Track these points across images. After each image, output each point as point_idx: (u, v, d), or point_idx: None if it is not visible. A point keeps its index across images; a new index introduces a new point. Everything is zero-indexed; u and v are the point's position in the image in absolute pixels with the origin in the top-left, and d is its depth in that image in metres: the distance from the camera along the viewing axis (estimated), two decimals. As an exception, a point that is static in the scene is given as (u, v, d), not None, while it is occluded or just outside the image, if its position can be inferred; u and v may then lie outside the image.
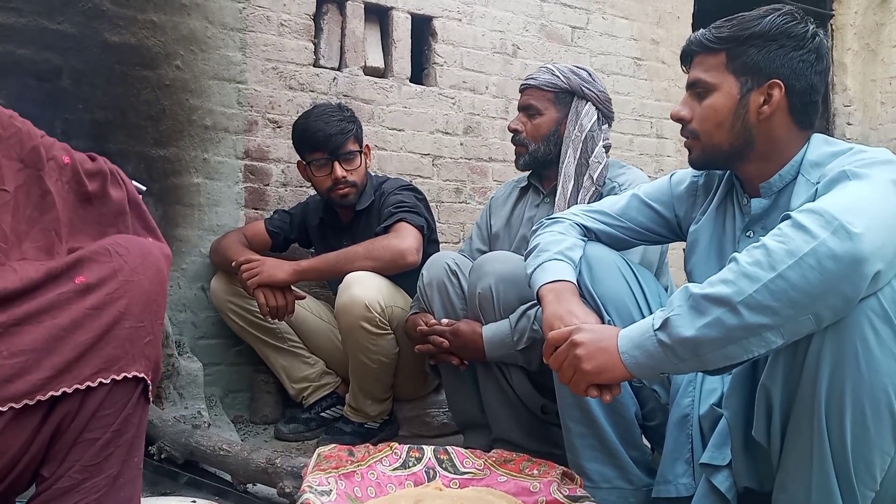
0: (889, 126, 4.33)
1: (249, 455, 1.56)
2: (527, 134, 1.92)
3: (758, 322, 0.94)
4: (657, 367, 1.04)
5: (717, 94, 1.24)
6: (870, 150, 1.13)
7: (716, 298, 0.96)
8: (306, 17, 2.57)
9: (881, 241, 0.92)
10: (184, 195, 2.34)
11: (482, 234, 2.12)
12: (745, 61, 1.22)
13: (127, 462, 1.14)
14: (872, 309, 0.95)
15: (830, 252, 0.91)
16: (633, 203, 1.49)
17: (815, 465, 1.00)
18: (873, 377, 0.95)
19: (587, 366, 1.08)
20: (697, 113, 1.27)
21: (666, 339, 1.00)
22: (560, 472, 1.24)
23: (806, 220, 0.94)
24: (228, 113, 2.42)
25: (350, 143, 2.15)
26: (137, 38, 2.27)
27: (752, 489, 1.17)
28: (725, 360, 0.98)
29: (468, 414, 1.92)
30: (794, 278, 0.92)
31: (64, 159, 1.15)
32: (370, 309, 1.90)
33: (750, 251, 0.97)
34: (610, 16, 3.29)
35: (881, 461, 0.99)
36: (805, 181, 1.19)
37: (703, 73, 1.26)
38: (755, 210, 1.26)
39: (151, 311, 1.17)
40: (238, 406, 2.41)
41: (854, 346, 0.95)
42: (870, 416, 0.96)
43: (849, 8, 4.24)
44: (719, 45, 1.24)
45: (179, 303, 2.33)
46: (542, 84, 1.91)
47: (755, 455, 1.14)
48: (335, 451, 1.21)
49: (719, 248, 1.31)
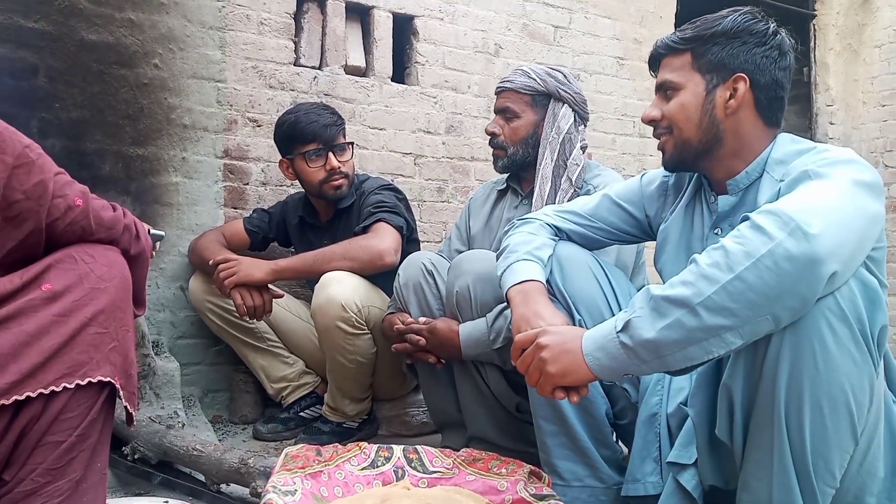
0: (871, 125, 4.35)
1: (222, 455, 1.56)
2: (505, 137, 1.92)
3: (717, 323, 0.95)
4: (620, 368, 1.04)
5: (684, 91, 1.27)
6: (833, 149, 1.14)
7: (675, 300, 0.97)
8: (286, 16, 2.56)
9: (838, 242, 0.93)
10: (162, 194, 2.33)
11: (461, 234, 2.13)
12: (710, 59, 1.24)
13: (91, 467, 1.14)
14: (830, 308, 0.95)
15: (787, 253, 0.91)
16: (604, 203, 1.50)
17: (776, 463, 1.01)
18: (831, 376, 0.96)
19: (552, 368, 1.09)
20: (666, 111, 1.29)
21: (628, 342, 1.01)
22: (527, 471, 1.25)
23: (764, 221, 0.95)
24: (207, 112, 2.41)
25: (341, 135, 2.17)
26: (115, 37, 2.26)
27: (717, 487, 1.18)
28: (687, 360, 0.99)
29: (445, 413, 1.93)
30: (751, 279, 0.93)
31: (76, 201, 1.15)
32: (346, 309, 1.90)
33: (709, 252, 0.98)
34: (593, 15, 3.29)
35: (840, 459, 1.01)
36: (770, 178, 1.20)
37: (671, 74, 1.28)
38: (722, 207, 1.27)
39: (117, 317, 1.17)
40: (217, 406, 2.40)
41: (812, 345, 0.96)
42: (828, 414, 0.97)
43: (831, 8, 4.26)
44: (684, 45, 1.27)
45: (158, 302, 2.32)
46: (518, 87, 1.91)
47: (720, 453, 1.15)
48: (302, 451, 1.21)
49: (688, 247, 1.32)
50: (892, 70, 4.25)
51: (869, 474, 1.07)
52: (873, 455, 1.06)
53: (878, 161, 4.32)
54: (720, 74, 1.24)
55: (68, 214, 1.16)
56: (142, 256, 1.29)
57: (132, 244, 1.26)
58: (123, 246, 1.25)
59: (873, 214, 1.01)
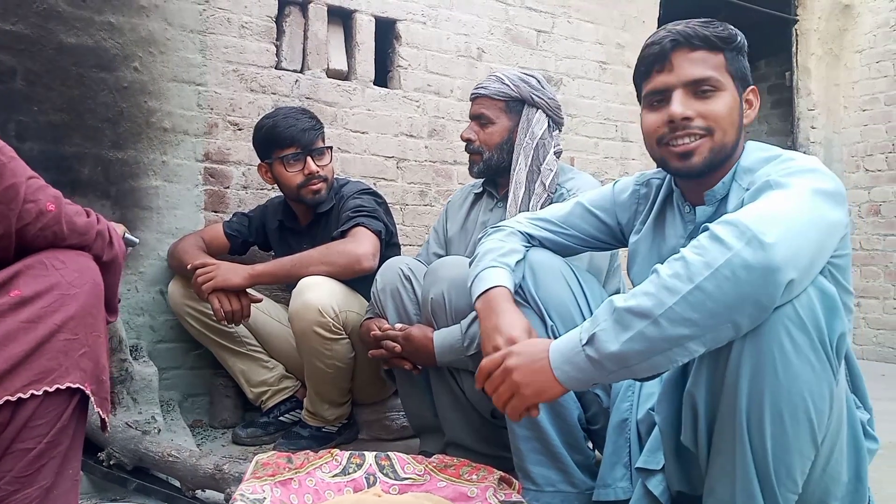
0: (852, 130, 4.40)
1: (197, 461, 1.56)
2: (480, 142, 1.93)
3: (679, 333, 0.96)
4: (588, 379, 1.05)
5: (726, 93, 1.21)
6: (798, 157, 1.16)
7: (638, 312, 0.98)
8: (268, 20, 2.56)
9: (794, 250, 0.94)
10: (142, 198, 2.33)
11: (439, 237, 2.14)
12: (739, 67, 1.24)
13: (61, 474, 1.14)
14: (788, 317, 0.97)
15: (744, 262, 0.93)
16: (576, 210, 1.50)
17: (739, 469, 1.02)
18: (791, 384, 0.98)
19: (527, 391, 1.08)
20: (708, 111, 1.20)
21: (594, 354, 1.02)
22: (497, 478, 1.26)
23: (722, 231, 0.96)
24: (188, 115, 2.41)
25: (320, 139, 2.17)
26: (94, 40, 2.25)
27: (685, 493, 1.19)
28: (652, 369, 1.01)
29: (422, 418, 1.93)
30: (710, 289, 0.94)
31: (48, 207, 1.14)
32: (323, 314, 1.90)
33: (670, 263, 0.99)
34: (575, 20, 3.31)
35: (801, 465, 1.02)
36: (738, 186, 1.21)
37: (711, 71, 1.20)
38: (700, 218, 1.26)
39: (87, 323, 1.17)
40: (197, 410, 2.40)
41: (772, 354, 0.97)
42: (788, 421, 0.99)
43: (812, 13, 4.30)
44: (721, 44, 1.22)
45: (137, 306, 2.31)
46: (492, 93, 1.92)
47: (686, 460, 1.16)
48: (273, 459, 1.21)
49: (660, 256, 1.33)
50: (872, 75, 4.29)
51: (832, 479, 1.09)
52: (836, 460, 1.07)
53: (858, 165, 4.36)
54: (742, 84, 1.24)
55: (40, 219, 1.15)
56: (115, 263, 1.29)
57: (105, 250, 1.26)
58: (96, 252, 1.24)
59: (832, 223, 1.03)
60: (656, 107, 1.25)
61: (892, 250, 4.19)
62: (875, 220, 4.28)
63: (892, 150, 4.20)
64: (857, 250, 4.35)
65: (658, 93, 1.24)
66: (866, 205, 4.33)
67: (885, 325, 4.21)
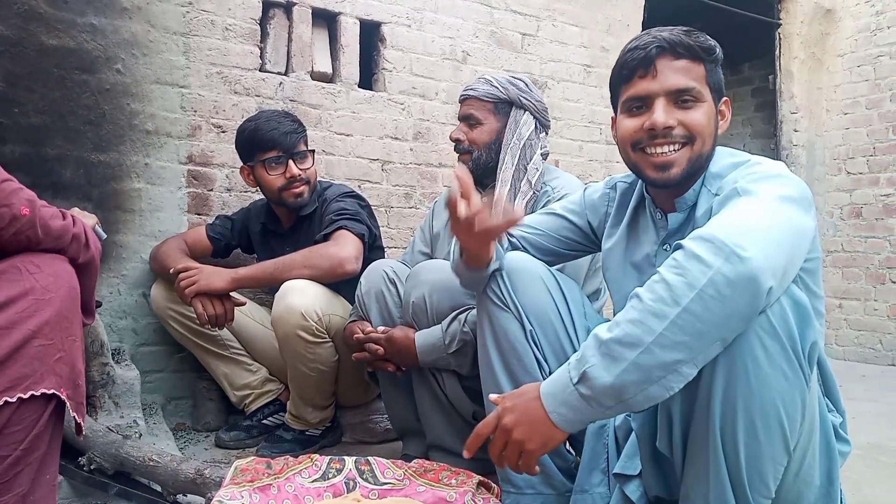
0: (834, 133, 4.44)
1: (178, 466, 1.56)
2: (469, 142, 1.96)
3: (672, 358, 0.95)
4: (585, 419, 1.03)
5: (705, 105, 1.22)
6: (765, 162, 1.17)
7: (628, 342, 0.96)
8: (252, 22, 2.55)
9: (771, 259, 0.95)
10: (125, 200, 2.32)
11: (425, 236, 2.15)
12: (716, 79, 1.24)
13: (38, 480, 1.14)
14: (761, 326, 0.98)
15: (726, 279, 0.93)
16: (550, 216, 1.54)
17: (712, 476, 1.03)
18: (763, 392, 0.99)
19: (532, 446, 1.04)
20: (690, 120, 1.20)
21: (587, 392, 0.99)
22: (476, 482, 1.27)
23: (699, 249, 0.96)
24: (171, 117, 2.40)
25: (302, 142, 2.17)
26: (77, 42, 2.24)
27: (662, 498, 1.20)
28: (649, 401, 0.98)
29: (405, 420, 1.94)
30: (698, 310, 0.93)
31: (23, 211, 1.14)
32: (306, 318, 1.90)
33: (651, 286, 0.98)
34: (560, 23, 3.33)
35: (774, 471, 1.03)
36: (707, 192, 1.22)
37: (693, 82, 1.21)
38: (672, 225, 1.27)
39: (63, 328, 1.17)
40: (181, 413, 2.39)
41: (745, 363, 0.98)
42: (761, 429, 1.00)
43: (795, 17, 4.34)
44: (703, 56, 1.22)
45: (120, 310, 2.30)
46: (481, 95, 1.94)
47: (663, 465, 1.17)
48: (252, 465, 1.22)
49: (635, 263, 1.34)
50: (854, 79, 4.34)
51: (805, 483, 1.10)
52: (808, 465, 1.09)
53: (840, 168, 4.41)
54: (718, 96, 1.25)
55: (14, 224, 1.15)
56: (91, 265, 1.29)
57: (81, 253, 1.26)
58: (72, 254, 1.24)
59: (801, 228, 1.04)
60: (635, 113, 1.24)
61: (874, 252, 4.24)
62: (856, 222, 4.33)
63: (874, 153, 4.25)
64: (839, 252, 4.40)
65: (639, 99, 1.23)
66: (848, 207, 4.37)
67: (866, 327, 4.26)
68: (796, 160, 4.35)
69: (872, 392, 3.31)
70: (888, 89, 4.18)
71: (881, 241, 4.21)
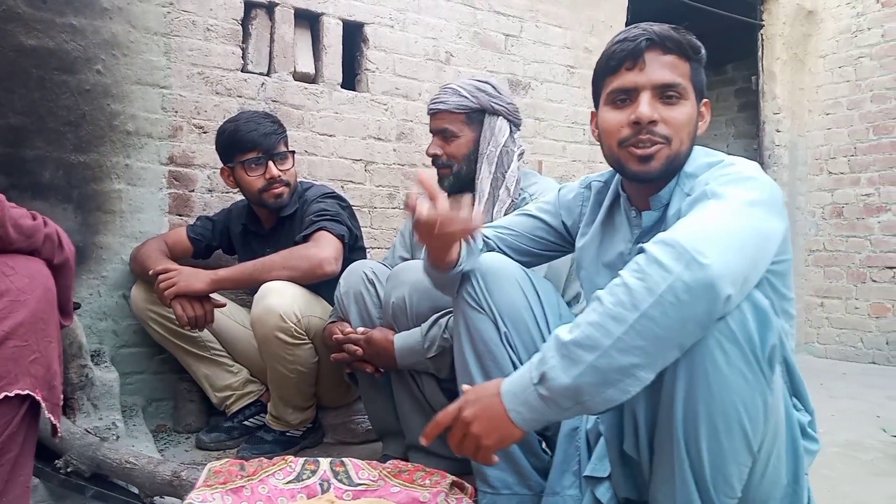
0: (816, 133, 4.48)
1: (155, 468, 1.56)
2: (447, 156, 1.93)
3: (630, 362, 0.96)
4: (543, 418, 1.04)
5: (688, 102, 1.21)
6: (738, 163, 1.17)
7: (586, 345, 0.97)
8: (234, 22, 2.55)
9: (731, 267, 0.95)
10: (105, 202, 2.31)
11: (405, 241, 2.15)
12: (699, 79, 1.24)
13: (12, 481, 1.14)
14: (721, 331, 0.99)
15: (685, 286, 0.93)
16: (524, 217, 1.54)
17: (678, 479, 1.04)
18: (724, 396, 1.00)
19: (488, 441, 1.06)
20: (671, 117, 1.20)
21: (546, 393, 1.00)
22: (450, 483, 1.27)
23: (660, 253, 0.96)
24: (152, 118, 2.39)
25: (282, 144, 2.17)
26: (56, 42, 2.23)
27: (632, 499, 1.21)
28: (606, 403, 0.99)
29: (385, 421, 1.95)
30: (656, 316, 0.94)
31: None
32: (285, 319, 1.90)
33: (612, 289, 0.98)
34: (543, 24, 3.34)
35: (738, 472, 1.05)
36: (680, 191, 1.22)
37: (680, 78, 1.20)
38: (647, 223, 1.27)
39: (38, 329, 1.17)
40: (161, 415, 2.39)
41: (704, 368, 0.99)
42: (723, 432, 1.01)
43: (777, 19, 4.37)
44: (690, 54, 1.22)
45: (100, 311, 2.30)
46: (452, 108, 1.91)
47: (631, 466, 1.18)
48: (226, 466, 1.22)
49: (608, 261, 1.34)
50: (835, 80, 4.38)
51: (772, 482, 1.11)
52: (774, 465, 1.10)
53: (822, 168, 4.45)
54: (699, 96, 1.24)
55: None
56: (66, 265, 1.29)
57: (55, 253, 1.25)
58: (46, 255, 1.24)
59: (767, 233, 1.04)
60: (620, 105, 1.22)
61: (855, 251, 4.28)
62: (838, 221, 4.37)
63: (854, 153, 4.29)
64: (821, 251, 4.44)
65: (624, 91, 1.21)
66: (829, 207, 4.41)
67: (847, 325, 4.30)
68: (779, 160, 4.39)
69: (852, 389, 3.35)
70: (868, 90, 4.22)
71: (862, 241, 4.25)
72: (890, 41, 4.13)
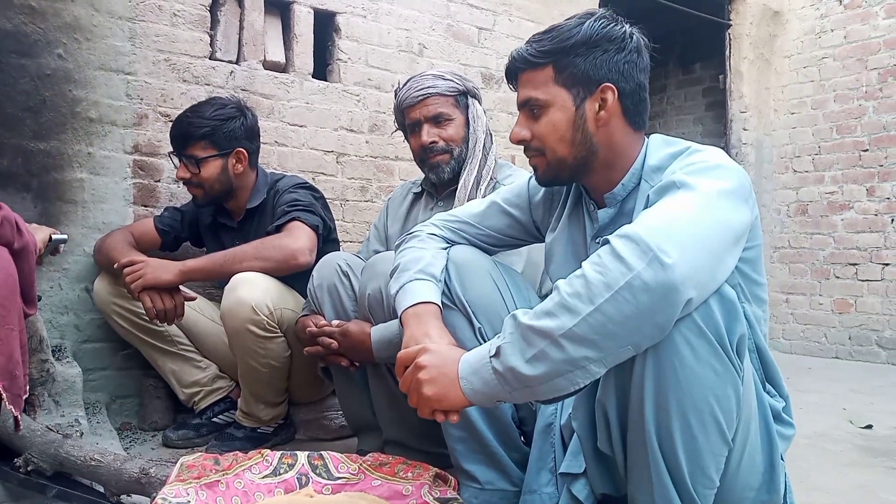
0: (781, 132, 4.56)
1: (122, 465, 1.49)
2: (445, 140, 1.90)
3: (581, 355, 0.94)
4: (492, 394, 1.02)
5: (552, 109, 1.21)
6: (705, 150, 1.14)
7: (539, 331, 0.96)
8: (202, 8, 2.48)
9: (694, 269, 0.93)
10: (66, 191, 2.22)
11: (379, 234, 2.11)
12: (573, 72, 1.19)
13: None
14: (687, 327, 0.97)
15: (644, 285, 0.91)
16: (491, 210, 1.48)
17: (654, 475, 1.03)
18: (694, 390, 0.98)
19: (428, 391, 1.06)
20: (537, 131, 1.23)
21: (499, 367, 0.99)
22: (433, 475, 1.24)
23: (623, 249, 0.94)
24: (116, 105, 2.31)
25: (197, 147, 2.03)
26: (14, 24, 2.14)
27: (609, 495, 1.19)
28: (554, 391, 0.98)
29: (360, 416, 1.91)
30: (611, 312, 0.92)
31: None
32: (257, 311, 1.85)
33: (571, 281, 0.97)
34: (516, 18, 3.33)
35: (715, 462, 1.03)
36: (648, 186, 1.18)
37: (534, 91, 1.21)
38: (602, 220, 1.26)
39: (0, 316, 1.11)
40: (126, 413, 2.31)
41: (672, 364, 0.97)
42: (696, 425, 0.99)
43: (745, 19, 4.44)
44: (544, 59, 1.20)
45: (61, 305, 2.21)
46: (443, 91, 1.90)
47: (606, 462, 1.16)
48: (199, 461, 1.17)
49: (575, 254, 1.31)
50: (800, 79, 4.46)
51: (748, 470, 1.10)
52: (749, 453, 1.09)
53: (787, 166, 4.53)
54: (586, 87, 1.19)
55: None
56: (26, 250, 1.23)
57: (14, 238, 1.20)
58: (6, 240, 1.18)
59: (736, 226, 1.02)
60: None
61: (819, 248, 4.36)
62: (802, 219, 4.45)
63: (819, 151, 4.38)
64: (786, 248, 4.51)
65: None
66: (794, 204, 4.49)
67: (812, 321, 4.39)
68: (745, 158, 4.45)
69: (818, 384, 3.40)
70: (832, 90, 4.31)
71: (826, 238, 4.33)
72: (852, 42, 4.22)
